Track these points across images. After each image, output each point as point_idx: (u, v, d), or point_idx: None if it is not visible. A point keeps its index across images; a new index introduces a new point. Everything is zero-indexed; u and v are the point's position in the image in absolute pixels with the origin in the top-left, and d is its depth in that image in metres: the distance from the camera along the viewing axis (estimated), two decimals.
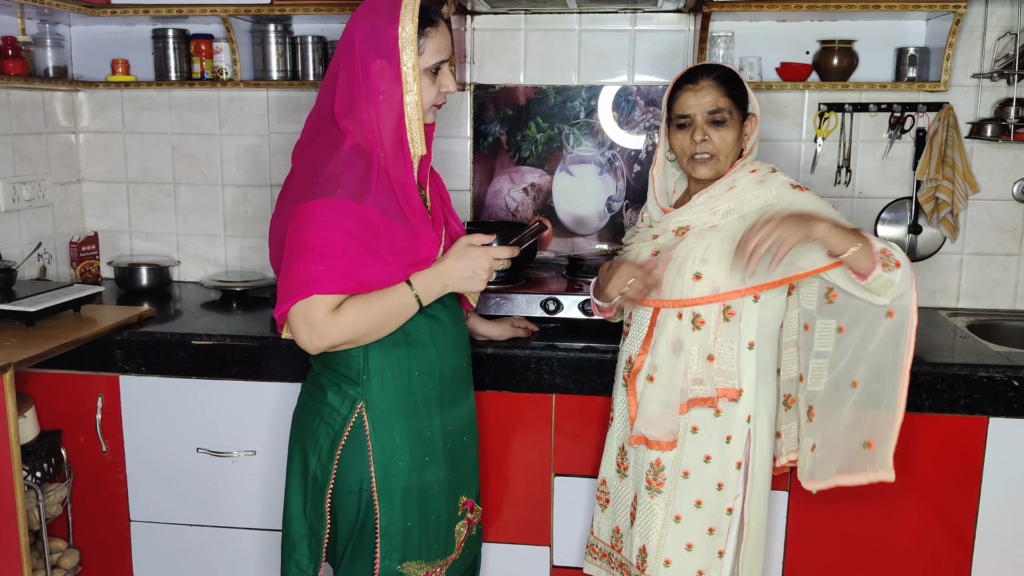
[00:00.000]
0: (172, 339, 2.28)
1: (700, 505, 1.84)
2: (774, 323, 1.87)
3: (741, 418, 1.83)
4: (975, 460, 2.12)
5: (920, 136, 2.62)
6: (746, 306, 1.80)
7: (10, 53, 2.55)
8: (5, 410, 1.91)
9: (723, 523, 1.85)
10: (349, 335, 1.64)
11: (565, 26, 2.72)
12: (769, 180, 1.85)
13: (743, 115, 1.86)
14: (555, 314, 2.32)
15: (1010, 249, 2.68)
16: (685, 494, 1.85)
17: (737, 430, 1.83)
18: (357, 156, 1.64)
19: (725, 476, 1.83)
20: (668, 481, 1.86)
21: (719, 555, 1.85)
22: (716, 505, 1.84)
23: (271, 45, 2.74)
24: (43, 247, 2.76)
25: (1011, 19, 2.54)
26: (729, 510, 1.84)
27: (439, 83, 1.69)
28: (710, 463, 1.83)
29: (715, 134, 1.83)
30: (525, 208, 2.81)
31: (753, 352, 1.82)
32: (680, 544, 1.86)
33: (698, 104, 1.83)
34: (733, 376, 1.81)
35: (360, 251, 1.61)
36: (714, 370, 1.81)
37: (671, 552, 1.86)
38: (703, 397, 1.81)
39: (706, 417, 1.83)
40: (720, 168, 1.86)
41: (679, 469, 1.85)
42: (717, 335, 1.81)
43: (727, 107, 1.82)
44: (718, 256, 1.80)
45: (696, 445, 1.84)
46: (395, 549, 1.74)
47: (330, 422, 1.73)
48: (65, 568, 2.35)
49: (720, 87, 1.83)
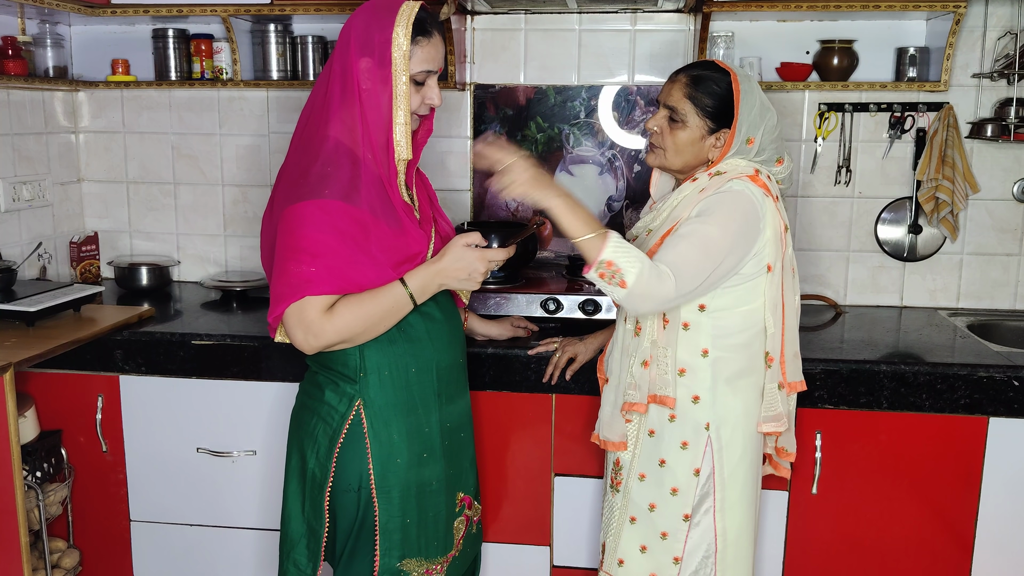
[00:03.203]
0: (172, 339, 2.28)
1: (654, 508, 1.84)
2: (740, 332, 1.80)
3: (699, 425, 1.81)
4: (975, 460, 2.12)
5: (920, 136, 2.62)
6: (692, 315, 1.79)
7: (10, 53, 2.55)
8: (5, 410, 1.91)
9: (679, 529, 1.83)
10: (344, 334, 1.64)
11: (565, 26, 2.72)
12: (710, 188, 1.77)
13: (716, 126, 1.79)
14: (555, 314, 2.32)
15: (1010, 249, 2.68)
16: (640, 496, 1.85)
17: (693, 437, 1.81)
18: (342, 154, 1.64)
19: (679, 482, 1.82)
20: (625, 481, 1.87)
21: (674, 561, 1.84)
22: (670, 510, 1.83)
23: (271, 45, 2.74)
24: (43, 247, 2.76)
25: (1011, 19, 2.54)
26: (686, 516, 1.82)
27: (423, 93, 1.69)
28: (664, 467, 1.83)
29: (667, 130, 1.82)
30: (525, 208, 2.81)
31: (708, 360, 1.79)
32: (634, 545, 1.87)
33: (665, 96, 1.84)
34: (670, 385, 1.79)
35: (351, 250, 1.62)
36: (649, 377, 1.81)
37: (625, 552, 1.88)
38: (633, 402, 1.83)
39: (663, 421, 1.82)
40: (665, 163, 1.85)
41: (636, 471, 1.86)
42: (658, 342, 1.80)
43: (682, 109, 1.79)
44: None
45: (652, 449, 1.84)
46: (394, 546, 1.74)
47: (328, 420, 1.73)
48: (65, 568, 2.35)
49: (687, 88, 1.80)
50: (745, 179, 1.77)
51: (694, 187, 1.81)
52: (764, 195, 1.76)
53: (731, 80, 1.78)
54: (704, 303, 1.78)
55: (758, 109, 1.79)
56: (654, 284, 1.67)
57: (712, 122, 1.79)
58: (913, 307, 2.73)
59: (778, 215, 1.79)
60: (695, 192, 1.80)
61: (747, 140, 1.79)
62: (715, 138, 1.80)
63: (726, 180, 1.77)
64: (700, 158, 1.83)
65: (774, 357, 1.84)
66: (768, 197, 1.77)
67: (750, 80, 1.81)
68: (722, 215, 1.73)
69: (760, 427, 1.85)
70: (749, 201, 1.74)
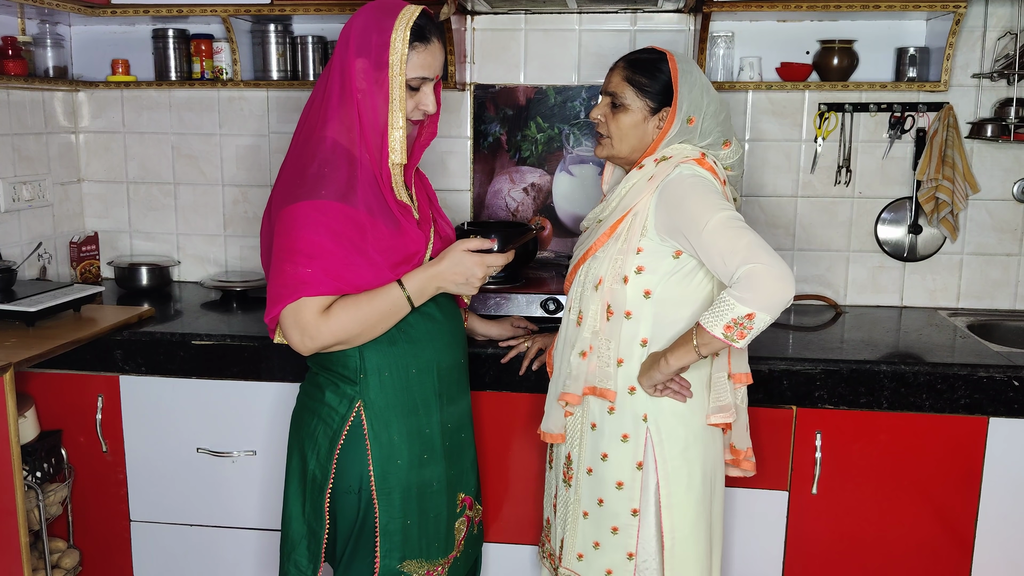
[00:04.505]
0: (172, 339, 2.28)
1: (602, 503, 1.83)
2: (680, 322, 1.77)
3: (636, 417, 1.79)
4: (975, 460, 2.12)
5: (920, 136, 2.62)
6: (636, 303, 1.76)
7: (10, 53, 2.55)
8: (5, 410, 1.91)
9: (630, 524, 1.81)
10: (341, 336, 1.64)
11: (565, 26, 2.72)
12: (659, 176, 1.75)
13: (656, 105, 1.79)
14: (555, 314, 2.32)
15: (1010, 249, 2.68)
16: (589, 491, 1.84)
17: (632, 429, 1.79)
18: (339, 154, 1.64)
19: (623, 475, 1.80)
20: (575, 476, 1.86)
21: (628, 556, 1.82)
22: (618, 505, 1.81)
23: (271, 45, 2.74)
24: (43, 247, 2.76)
25: (1011, 19, 2.54)
26: (634, 511, 1.80)
27: (417, 99, 1.69)
28: (607, 461, 1.81)
29: (610, 116, 1.83)
30: (525, 208, 2.81)
31: (645, 350, 1.78)
32: (588, 541, 1.86)
33: (606, 85, 1.85)
34: (610, 377, 1.78)
35: (348, 251, 1.62)
36: (589, 368, 1.79)
37: (582, 547, 1.87)
38: (567, 392, 1.81)
39: (603, 414, 1.81)
40: (612, 152, 1.85)
41: (584, 466, 1.85)
42: (601, 333, 1.78)
43: (622, 92, 1.80)
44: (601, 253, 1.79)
45: (594, 442, 1.83)
46: (395, 548, 1.74)
47: (328, 422, 1.73)
48: (65, 568, 2.35)
49: (625, 71, 1.81)
50: (691, 162, 1.77)
51: (641, 174, 1.79)
52: (712, 178, 1.76)
53: (667, 60, 1.79)
54: (650, 289, 1.76)
55: (700, 90, 1.79)
56: (756, 284, 1.60)
57: (652, 102, 1.80)
58: (913, 307, 2.73)
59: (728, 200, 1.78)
60: (644, 180, 1.78)
61: (688, 119, 1.78)
62: (658, 119, 1.80)
63: (673, 165, 1.76)
64: (645, 142, 1.82)
65: None
66: (716, 181, 1.77)
67: (689, 62, 1.83)
68: (690, 197, 1.71)
69: (709, 418, 1.81)
70: (702, 178, 1.74)
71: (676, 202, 1.72)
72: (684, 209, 1.71)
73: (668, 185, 1.73)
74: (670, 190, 1.73)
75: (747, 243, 1.63)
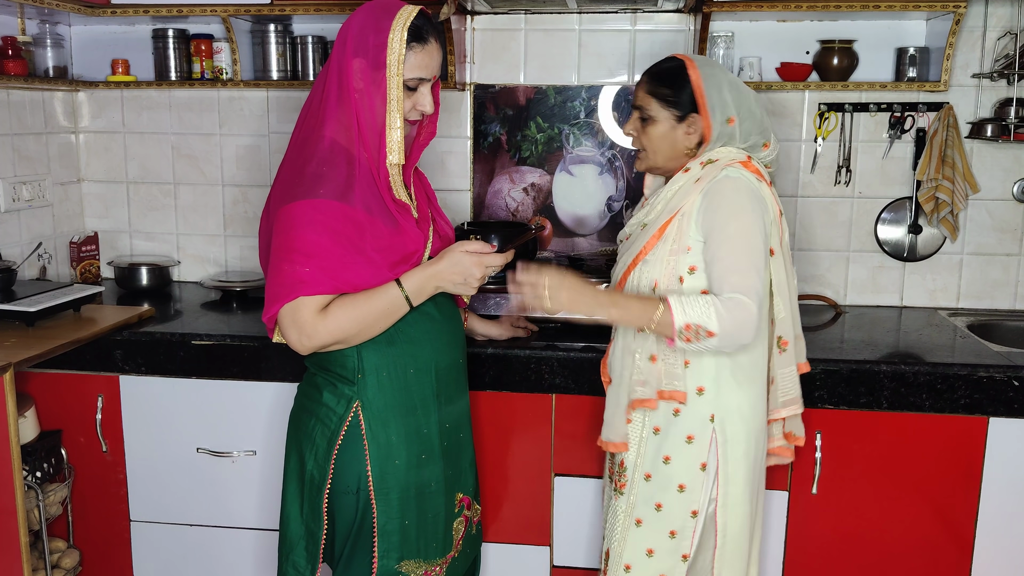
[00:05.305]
0: (172, 339, 2.28)
1: (660, 508, 1.82)
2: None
3: (703, 418, 1.79)
4: (975, 460, 2.12)
5: (920, 136, 2.62)
6: None
7: (10, 53, 2.55)
8: (5, 410, 1.91)
9: (687, 526, 1.82)
10: (339, 335, 1.64)
11: (565, 26, 2.71)
12: (706, 178, 1.78)
13: (683, 112, 1.81)
14: (555, 313, 2.31)
15: (1010, 249, 2.68)
16: (645, 497, 1.83)
17: (699, 430, 1.80)
18: (337, 153, 1.64)
19: (687, 478, 1.81)
20: (629, 483, 1.85)
21: (683, 559, 1.83)
22: (678, 508, 1.81)
23: (271, 45, 2.74)
24: (43, 247, 2.76)
25: (1011, 19, 2.54)
26: (694, 513, 1.81)
27: (415, 100, 1.69)
28: (670, 464, 1.81)
29: (641, 131, 1.86)
30: (525, 208, 2.81)
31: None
32: (640, 549, 1.84)
33: (634, 100, 1.88)
34: (679, 378, 1.78)
35: (346, 250, 1.62)
36: (657, 371, 1.80)
37: (631, 557, 1.85)
38: (643, 398, 1.81)
39: (667, 417, 1.81)
40: (652, 163, 1.88)
41: (641, 472, 1.84)
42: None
43: (647, 106, 1.83)
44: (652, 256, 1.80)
45: (656, 446, 1.82)
46: (393, 548, 1.74)
47: (326, 422, 1.73)
48: (65, 568, 2.35)
49: (647, 85, 1.84)
50: (738, 165, 1.78)
51: (688, 177, 1.81)
52: (758, 180, 1.79)
53: (686, 66, 1.81)
54: (706, 288, 1.76)
55: (728, 89, 1.81)
56: (735, 314, 1.66)
57: (677, 110, 1.81)
58: (913, 307, 2.73)
59: (773, 199, 1.81)
60: (690, 182, 1.80)
61: (727, 120, 1.80)
62: (687, 125, 1.82)
63: (720, 168, 1.78)
64: (678, 149, 1.84)
65: (788, 340, 1.83)
66: (762, 182, 1.79)
67: (711, 64, 1.84)
68: (731, 206, 1.74)
69: (778, 412, 1.85)
70: (747, 184, 1.76)
71: (716, 205, 1.75)
72: (719, 213, 1.74)
73: (714, 186, 1.76)
74: (715, 191, 1.76)
75: (752, 281, 1.69)
